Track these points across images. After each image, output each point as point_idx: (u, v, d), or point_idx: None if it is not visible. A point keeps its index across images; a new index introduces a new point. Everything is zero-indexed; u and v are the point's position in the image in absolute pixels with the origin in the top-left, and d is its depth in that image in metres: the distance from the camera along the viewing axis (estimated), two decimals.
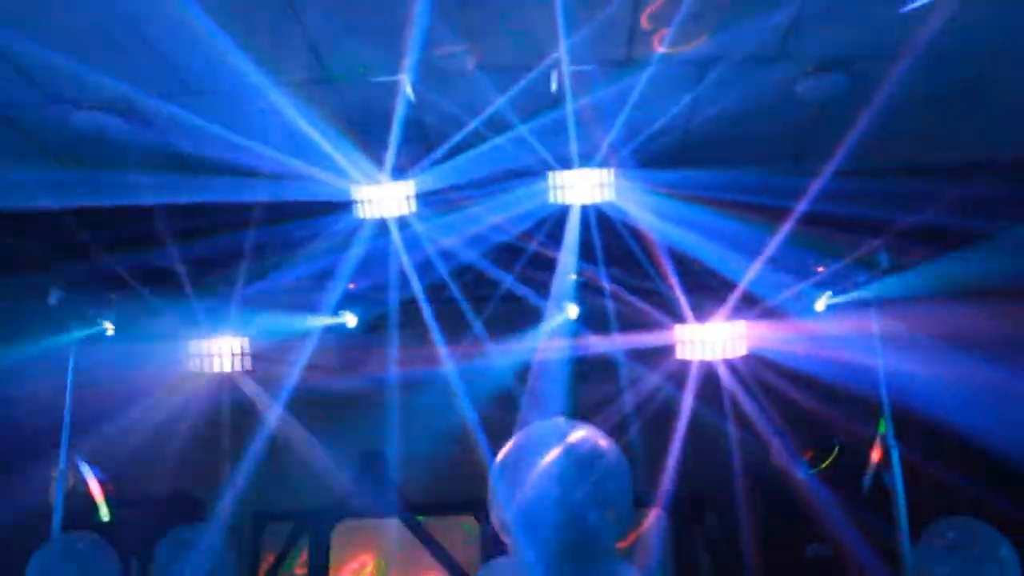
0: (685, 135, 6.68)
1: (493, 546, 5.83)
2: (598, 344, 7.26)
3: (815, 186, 6.11)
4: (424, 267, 7.06)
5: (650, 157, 6.66)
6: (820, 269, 6.91)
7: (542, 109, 6.68)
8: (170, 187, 6.94)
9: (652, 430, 7.20)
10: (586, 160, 6.80)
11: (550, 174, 6.87)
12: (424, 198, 6.97)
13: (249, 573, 7.41)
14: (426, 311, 6.98)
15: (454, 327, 7.04)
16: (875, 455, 7.04)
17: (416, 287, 6.95)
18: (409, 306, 7.07)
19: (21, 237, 7.52)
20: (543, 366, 6.93)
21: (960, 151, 6.68)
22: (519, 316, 7.09)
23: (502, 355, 7.04)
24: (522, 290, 6.99)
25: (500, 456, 5.34)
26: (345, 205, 6.94)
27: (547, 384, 6.79)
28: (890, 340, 6.43)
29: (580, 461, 5.24)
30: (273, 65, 6.33)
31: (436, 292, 7.05)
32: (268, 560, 7.63)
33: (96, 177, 7.08)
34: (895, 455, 6.81)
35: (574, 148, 6.69)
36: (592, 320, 7.24)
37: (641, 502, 6.75)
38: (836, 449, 7.81)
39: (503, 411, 6.37)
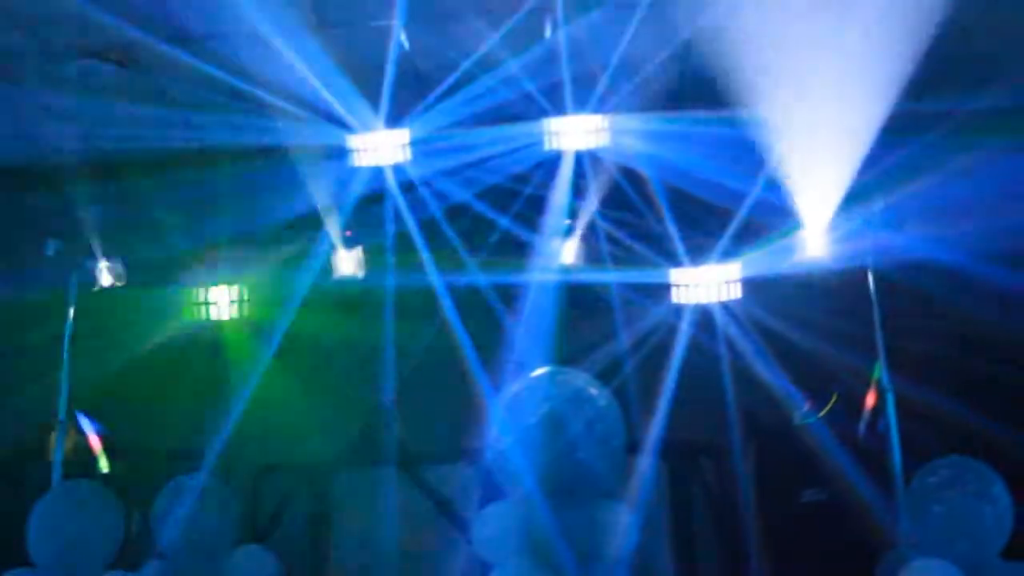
0: (681, 77, 6.68)
1: (491, 493, 5.89)
2: (593, 286, 7.28)
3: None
4: (420, 213, 7.08)
5: (646, 100, 6.67)
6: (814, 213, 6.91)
7: (537, 54, 6.70)
8: (168, 133, 6.95)
9: (646, 373, 7.22)
10: (581, 105, 6.80)
11: (545, 120, 6.88)
12: (419, 145, 6.99)
13: (249, 525, 7.42)
14: (424, 255, 7.00)
15: (452, 269, 7.07)
16: (870, 400, 7.08)
17: (413, 231, 6.98)
18: (406, 253, 7.09)
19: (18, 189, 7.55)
20: (536, 300, 6.95)
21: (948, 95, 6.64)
22: (515, 256, 7.10)
23: (498, 291, 7.06)
24: (518, 231, 7.02)
25: (499, 403, 5.43)
26: (340, 152, 6.96)
27: (539, 319, 6.83)
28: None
29: (574, 404, 5.33)
30: (271, 11, 6.34)
31: (433, 237, 7.07)
32: (268, 512, 7.66)
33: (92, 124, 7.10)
34: (890, 399, 6.85)
35: (568, 93, 6.70)
36: (587, 262, 7.26)
37: (636, 447, 6.79)
38: (834, 397, 7.83)
39: (501, 351, 6.42)
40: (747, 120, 6.15)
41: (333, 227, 7.15)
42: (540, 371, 5.60)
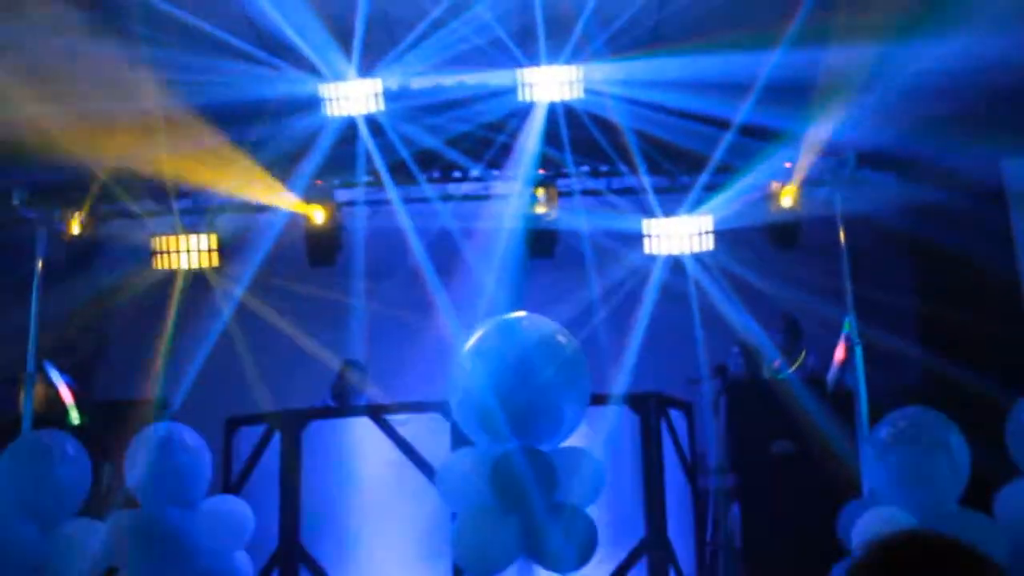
0: (656, 26, 6.63)
1: (460, 442, 5.91)
2: (565, 234, 7.29)
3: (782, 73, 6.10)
4: (393, 160, 7.06)
5: (621, 48, 6.62)
6: (787, 165, 6.92)
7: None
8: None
9: (618, 322, 7.24)
10: (555, 56, 6.76)
11: (518, 71, 6.84)
12: (392, 95, 6.94)
13: (222, 476, 7.41)
14: (398, 206, 6.98)
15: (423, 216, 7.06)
16: (839, 354, 7.13)
17: (386, 182, 6.96)
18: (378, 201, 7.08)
19: None
20: (507, 247, 6.97)
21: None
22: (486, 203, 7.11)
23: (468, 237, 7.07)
24: (490, 177, 7.01)
25: (466, 349, 5.42)
26: (313, 102, 6.90)
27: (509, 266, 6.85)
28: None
29: (541, 350, 5.32)
30: None
31: (406, 188, 7.06)
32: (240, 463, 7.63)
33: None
34: (858, 352, 6.90)
35: (542, 41, 6.66)
36: (560, 212, 7.26)
37: (604, 396, 6.83)
38: (803, 353, 7.87)
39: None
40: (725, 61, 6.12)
41: (305, 177, 7.13)
42: (508, 317, 5.59)
